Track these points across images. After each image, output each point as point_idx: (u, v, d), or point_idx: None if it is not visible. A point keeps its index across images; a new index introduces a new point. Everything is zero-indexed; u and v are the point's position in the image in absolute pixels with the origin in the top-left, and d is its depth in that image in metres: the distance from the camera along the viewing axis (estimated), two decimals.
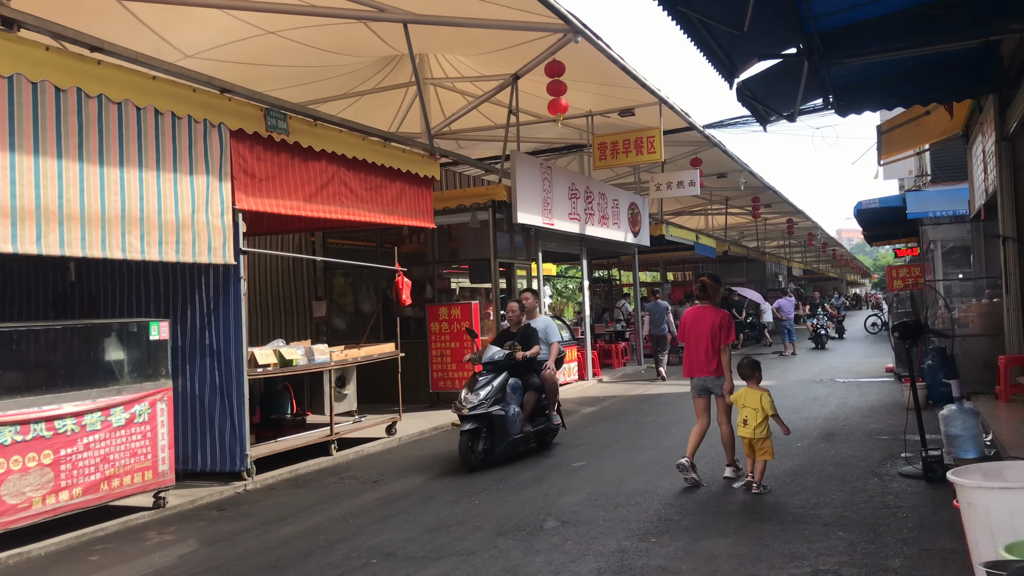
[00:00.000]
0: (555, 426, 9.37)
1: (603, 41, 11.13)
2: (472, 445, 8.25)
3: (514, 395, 8.64)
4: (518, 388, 8.75)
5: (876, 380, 14.93)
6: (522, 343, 8.93)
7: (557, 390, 9.46)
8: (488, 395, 8.37)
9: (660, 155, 15.57)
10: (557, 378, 9.46)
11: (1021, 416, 8.00)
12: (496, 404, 8.38)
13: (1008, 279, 9.32)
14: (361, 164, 9.69)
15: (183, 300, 8.28)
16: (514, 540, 5.77)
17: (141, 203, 6.81)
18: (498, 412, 8.36)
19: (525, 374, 8.94)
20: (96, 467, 6.48)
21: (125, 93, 6.72)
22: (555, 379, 9.37)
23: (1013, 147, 9.19)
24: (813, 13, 6.45)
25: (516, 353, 8.71)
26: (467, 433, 8.24)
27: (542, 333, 9.30)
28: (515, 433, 8.53)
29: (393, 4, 9.73)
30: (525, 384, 8.89)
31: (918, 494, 6.51)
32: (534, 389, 8.95)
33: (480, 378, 8.56)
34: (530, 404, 8.87)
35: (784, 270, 45.22)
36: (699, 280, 7.81)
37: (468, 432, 8.24)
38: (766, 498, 6.61)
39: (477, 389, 8.44)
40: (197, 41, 10.46)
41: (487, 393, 8.38)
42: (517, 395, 8.70)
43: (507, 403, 8.52)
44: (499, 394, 8.46)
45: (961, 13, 6.79)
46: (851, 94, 8.65)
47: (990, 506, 3.85)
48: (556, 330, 9.72)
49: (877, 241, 26.12)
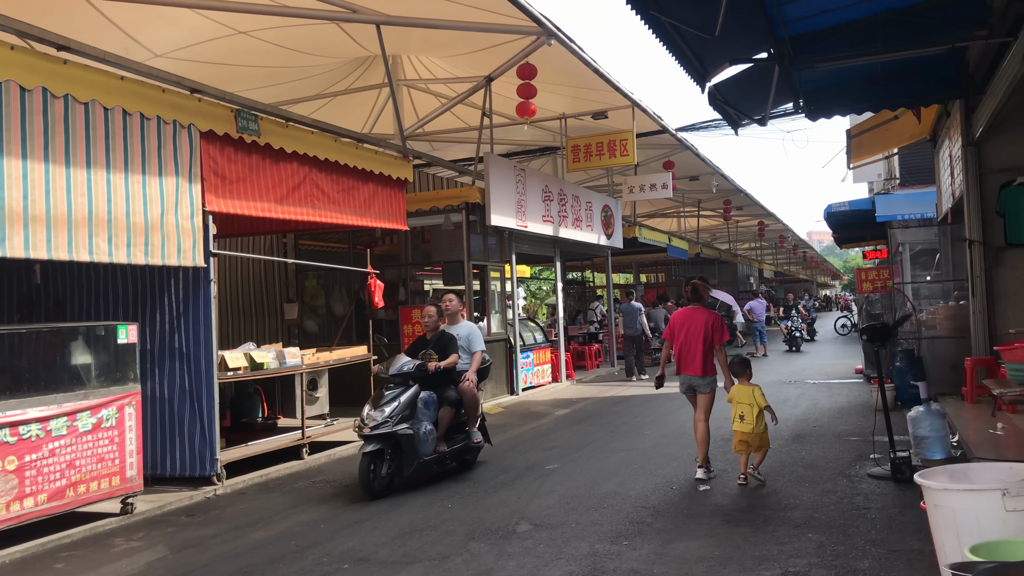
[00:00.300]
0: (476, 445, 8.48)
1: (576, 44, 11.16)
2: (375, 468, 7.36)
3: (427, 411, 7.81)
4: (432, 403, 7.91)
5: (846, 381, 15.10)
6: (439, 352, 8.09)
7: (478, 404, 8.53)
8: (394, 412, 7.46)
9: (633, 158, 15.64)
10: (478, 391, 8.54)
11: (986, 417, 8.11)
12: (404, 422, 7.49)
13: (974, 282, 9.44)
14: (333, 166, 9.63)
15: (152, 303, 8.18)
16: (487, 544, 5.75)
17: (109, 205, 6.71)
18: (405, 431, 7.48)
19: (441, 387, 8.09)
20: (62, 473, 6.37)
21: (92, 93, 6.62)
22: (475, 392, 8.43)
23: (979, 152, 9.32)
24: (784, 18, 6.49)
25: (429, 364, 7.86)
26: (369, 455, 7.33)
27: (464, 340, 8.52)
28: (427, 454, 7.68)
29: (366, 5, 9.69)
30: (440, 398, 8.04)
31: (887, 495, 6.58)
32: (450, 404, 8.11)
33: (387, 392, 7.67)
34: (445, 421, 8.03)
35: (755, 272, 45.59)
36: (689, 283, 7.96)
37: (370, 454, 7.34)
38: (737, 500, 6.65)
39: (382, 405, 7.51)
40: (167, 40, 10.35)
41: (393, 409, 7.46)
42: (431, 411, 7.87)
43: (418, 420, 7.67)
44: (407, 410, 7.56)
45: (928, 20, 6.88)
46: (821, 98, 8.74)
47: (956, 508, 3.90)
48: (480, 337, 8.77)
49: (847, 243, 26.41)
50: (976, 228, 9.36)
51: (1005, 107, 7.78)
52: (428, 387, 7.95)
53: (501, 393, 14.47)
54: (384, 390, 7.73)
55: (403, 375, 7.79)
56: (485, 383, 8.91)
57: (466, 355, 8.49)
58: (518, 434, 10.66)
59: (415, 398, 7.71)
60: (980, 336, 9.40)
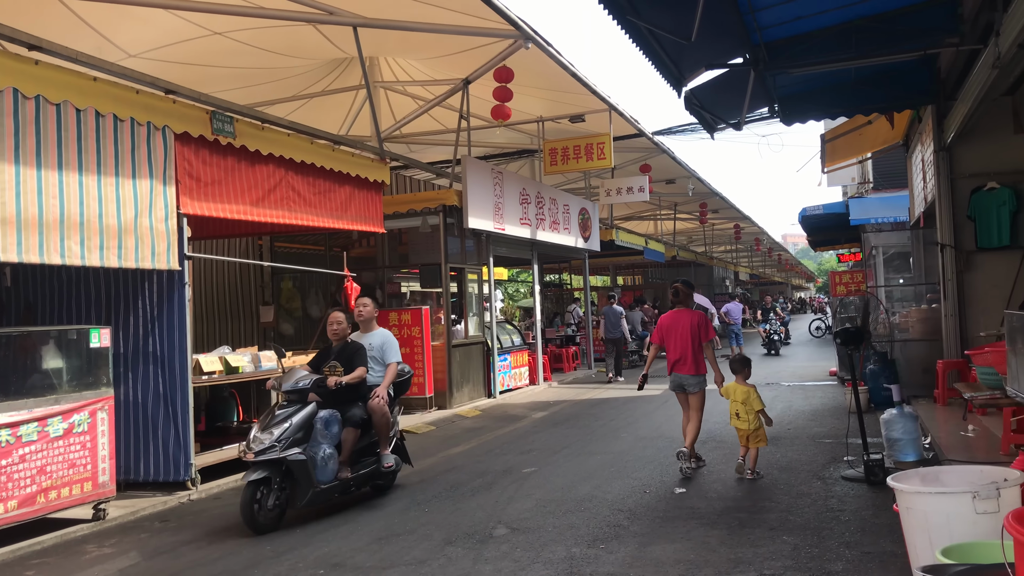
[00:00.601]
0: (388, 469, 7.49)
1: (553, 48, 11.18)
2: (261, 499, 6.44)
3: (327, 432, 6.89)
4: (334, 423, 6.99)
5: (820, 383, 15.23)
6: (344, 364, 7.19)
7: (389, 424, 7.52)
8: (285, 434, 6.53)
9: (610, 161, 15.70)
10: (391, 409, 7.59)
11: (958, 420, 8.21)
12: (295, 446, 6.59)
13: (946, 286, 9.56)
14: (309, 168, 9.58)
15: (125, 306, 8.09)
16: (464, 548, 5.74)
17: (81, 207, 6.64)
18: (296, 456, 6.56)
19: (346, 404, 7.19)
20: (32, 479, 6.28)
21: (64, 94, 6.55)
22: (386, 411, 7.42)
23: (950, 157, 9.45)
24: (759, 24, 6.56)
25: (330, 379, 7.01)
26: (253, 484, 6.40)
27: (377, 351, 7.65)
28: (326, 481, 6.77)
29: (343, 7, 9.65)
30: (345, 417, 7.15)
31: (860, 497, 6.64)
32: (354, 424, 7.19)
33: (278, 412, 6.73)
34: (349, 443, 7.12)
35: (731, 275, 45.91)
36: (672, 286, 8.37)
37: (255, 483, 6.41)
38: (713, 503, 6.69)
39: (271, 426, 6.59)
40: (141, 40, 10.24)
41: (284, 431, 6.54)
42: (332, 432, 6.96)
43: (315, 443, 6.77)
44: (300, 432, 6.65)
45: (901, 27, 6.97)
46: (796, 103, 8.82)
47: (928, 510, 3.95)
48: (395, 347, 7.83)
49: (821, 246, 26.63)
50: (948, 232, 9.48)
51: (975, 113, 7.89)
52: (332, 404, 7.10)
53: (478, 396, 14.46)
54: (276, 409, 6.84)
55: (299, 391, 6.89)
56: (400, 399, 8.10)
57: (380, 367, 7.65)
58: (495, 437, 10.65)
59: (311, 418, 6.80)
60: (952, 339, 9.52)
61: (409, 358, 12.93)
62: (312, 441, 6.77)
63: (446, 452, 9.67)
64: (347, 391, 7.12)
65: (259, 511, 6.42)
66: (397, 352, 7.82)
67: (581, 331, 21.39)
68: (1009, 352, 4.81)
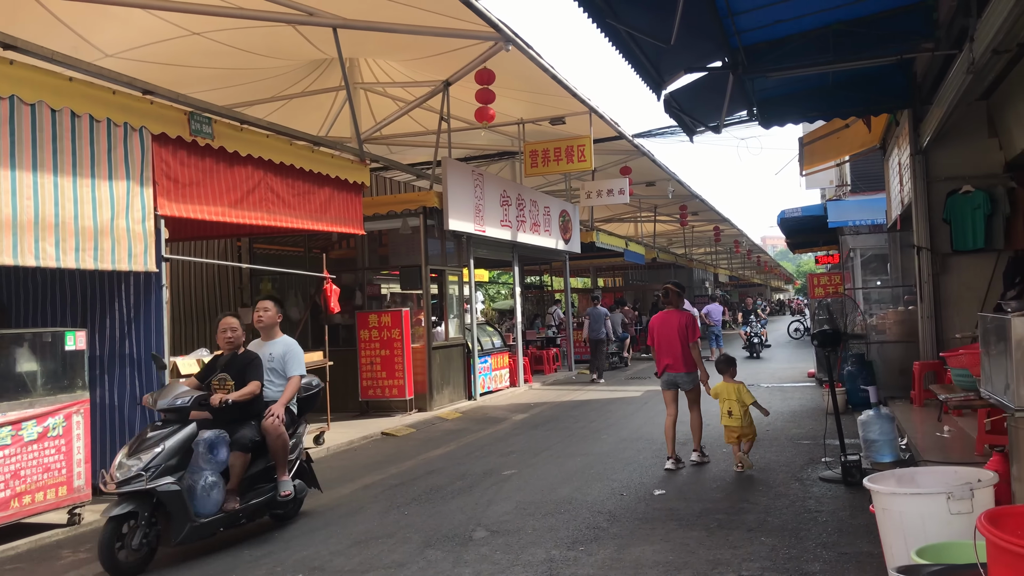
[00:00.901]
0: (285, 498, 6.51)
1: (534, 50, 11.19)
2: (125, 537, 5.55)
3: (212, 456, 5.97)
4: (220, 446, 6.04)
5: (799, 385, 15.34)
6: (235, 377, 6.32)
7: (287, 446, 6.51)
8: (155, 460, 5.61)
9: (590, 163, 15.73)
10: (285, 430, 6.51)
11: (934, 421, 8.30)
12: (169, 473, 5.66)
13: (922, 288, 9.66)
14: (289, 169, 9.53)
15: (102, 308, 8.02)
16: (443, 551, 5.73)
17: (56, 208, 6.57)
18: (168, 487, 5.61)
19: (236, 424, 6.27)
20: (6, 484, 6.21)
21: (39, 94, 6.48)
22: (282, 431, 6.43)
23: (926, 160, 9.54)
24: (738, 28, 6.59)
25: (214, 395, 6.16)
26: (115, 520, 5.49)
27: (278, 362, 6.72)
28: (207, 514, 5.88)
29: (322, 8, 9.61)
30: (233, 439, 6.18)
31: (838, 498, 6.69)
32: (244, 447, 6.20)
33: (150, 434, 5.81)
34: (237, 469, 6.16)
35: (711, 277, 46.12)
36: (663, 288, 8.75)
37: (117, 519, 5.50)
38: (692, 504, 6.71)
39: (140, 451, 5.66)
40: (118, 40, 10.15)
41: (154, 457, 5.61)
42: (218, 457, 6.02)
43: (196, 470, 5.88)
44: (174, 457, 5.74)
45: (878, 31, 7.03)
46: (774, 107, 8.87)
47: (903, 511, 3.98)
48: (300, 358, 6.83)
49: (800, 249, 26.81)
50: (924, 235, 9.57)
51: (951, 117, 7.98)
52: (222, 424, 6.23)
53: (459, 398, 14.44)
54: (148, 430, 5.90)
55: (177, 410, 5.95)
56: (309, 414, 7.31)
57: (281, 381, 6.73)
58: (475, 439, 10.64)
59: (190, 440, 5.91)
60: (928, 341, 9.61)
61: (389, 360, 12.91)
62: (192, 467, 5.89)
63: (426, 455, 9.65)
64: (237, 409, 6.25)
65: (120, 549, 5.50)
66: (301, 364, 6.84)
67: (562, 333, 21.42)
68: (982, 354, 4.86)
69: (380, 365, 13.06)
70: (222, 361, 6.54)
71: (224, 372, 6.38)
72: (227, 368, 6.43)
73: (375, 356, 13.10)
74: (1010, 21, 5.03)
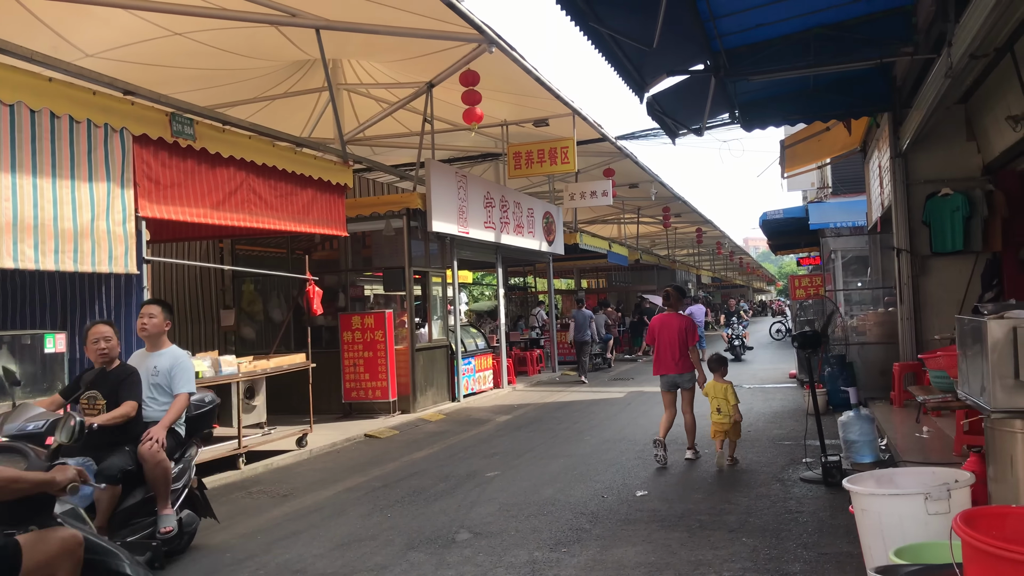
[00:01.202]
0: (166, 534, 5.60)
1: (517, 52, 11.20)
2: None
3: None
4: None
5: (780, 386, 15.43)
6: (107, 396, 5.45)
7: (167, 475, 5.59)
8: None
9: (574, 165, 15.75)
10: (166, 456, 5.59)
11: (913, 421, 8.38)
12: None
13: (902, 289, 9.75)
14: (271, 171, 9.50)
15: (82, 310, 7.95)
16: (426, 554, 5.73)
17: (35, 210, 6.51)
18: None
19: (107, 450, 5.39)
20: None
21: (17, 95, 6.42)
22: (162, 458, 5.52)
23: (906, 163, 9.64)
24: (720, 31, 6.64)
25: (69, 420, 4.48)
26: None
27: (163, 377, 5.88)
28: None
29: (305, 9, 9.58)
30: (100, 469, 5.26)
31: (818, 499, 6.74)
32: (110, 479, 5.27)
33: None
34: (104, 504, 5.27)
35: (694, 278, 46.30)
36: (664, 291, 9.01)
37: None
38: (674, 505, 6.74)
39: None
40: (99, 40, 10.07)
41: None
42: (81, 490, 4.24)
43: None
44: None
45: (858, 36, 7.10)
46: (756, 110, 8.95)
47: (882, 512, 4.02)
48: (189, 372, 5.99)
49: (781, 250, 27.01)
50: (903, 237, 9.67)
51: (930, 121, 8.07)
52: (90, 451, 5.27)
53: (442, 400, 14.42)
54: None
55: (28, 437, 4.53)
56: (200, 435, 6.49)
57: (167, 398, 5.89)
58: (459, 441, 10.64)
59: None
60: (908, 342, 9.71)
61: (372, 362, 12.88)
62: None
63: (409, 456, 9.64)
64: (109, 433, 5.33)
65: None
66: (190, 379, 6.00)
67: (545, 334, 21.45)
68: (960, 356, 4.92)
69: (363, 367, 13.03)
70: (89, 377, 5.61)
71: (93, 390, 5.47)
72: (97, 384, 5.51)
73: (358, 358, 13.07)
74: (987, 27, 5.10)
